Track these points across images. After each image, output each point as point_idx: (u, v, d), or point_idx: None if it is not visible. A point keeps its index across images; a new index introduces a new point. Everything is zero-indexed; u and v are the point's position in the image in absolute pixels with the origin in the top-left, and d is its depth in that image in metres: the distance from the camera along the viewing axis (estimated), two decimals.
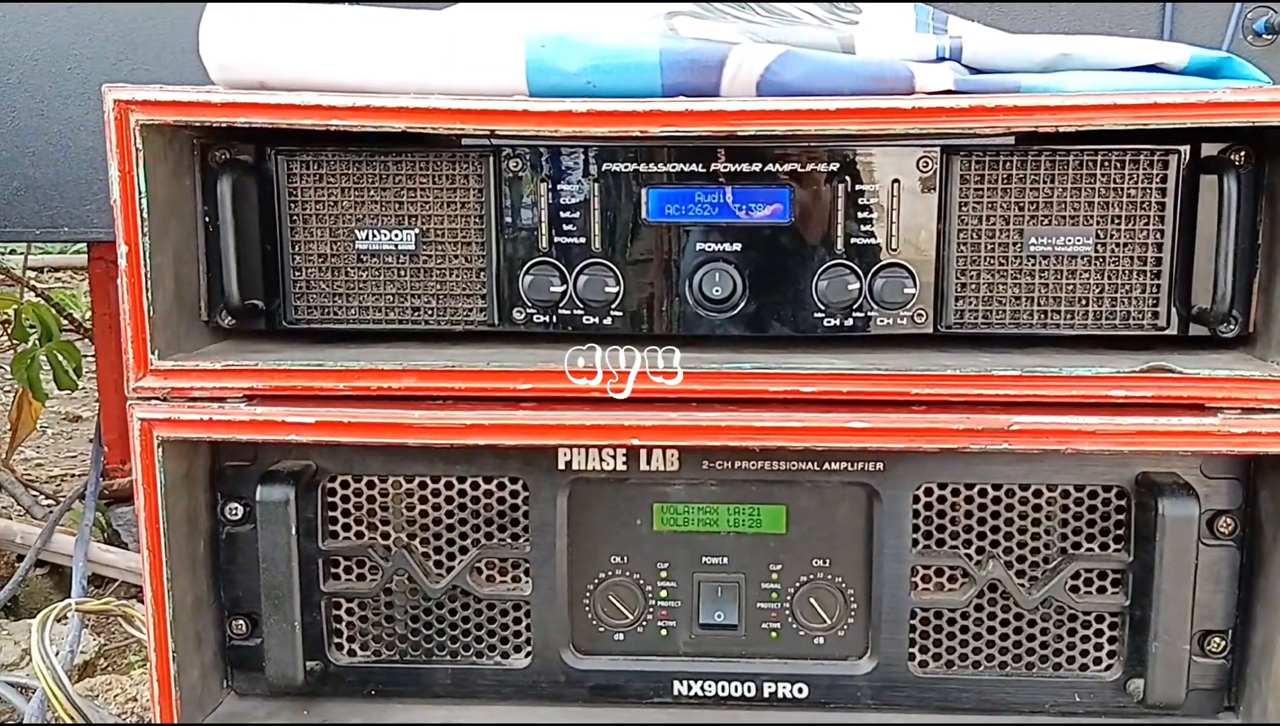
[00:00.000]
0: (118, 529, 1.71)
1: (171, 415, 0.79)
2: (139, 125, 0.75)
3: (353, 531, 0.88)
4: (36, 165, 1.42)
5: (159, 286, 0.78)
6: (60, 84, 1.41)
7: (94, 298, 1.76)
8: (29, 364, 1.80)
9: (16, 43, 1.40)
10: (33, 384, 1.80)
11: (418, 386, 0.79)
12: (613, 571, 0.88)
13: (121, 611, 1.32)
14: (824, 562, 0.88)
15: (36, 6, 1.41)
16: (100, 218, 1.43)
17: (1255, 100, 0.75)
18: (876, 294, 0.84)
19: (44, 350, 1.83)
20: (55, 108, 1.41)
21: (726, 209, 0.83)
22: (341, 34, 0.79)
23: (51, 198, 1.43)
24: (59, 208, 1.43)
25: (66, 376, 1.83)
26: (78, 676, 1.33)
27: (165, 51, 1.39)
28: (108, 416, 1.71)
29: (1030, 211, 0.83)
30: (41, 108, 1.41)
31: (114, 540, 1.69)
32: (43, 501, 1.82)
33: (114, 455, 1.71)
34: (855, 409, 0.80)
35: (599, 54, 0.78)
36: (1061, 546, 0.87)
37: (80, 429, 2.77)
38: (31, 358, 1.80)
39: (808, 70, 0.78)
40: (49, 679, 1.07)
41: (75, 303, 2.94)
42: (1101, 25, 1.38)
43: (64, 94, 1.41)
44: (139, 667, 1.39)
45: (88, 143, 1.41)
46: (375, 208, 0.84)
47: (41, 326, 1.84)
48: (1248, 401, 0.79)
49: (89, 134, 1.41)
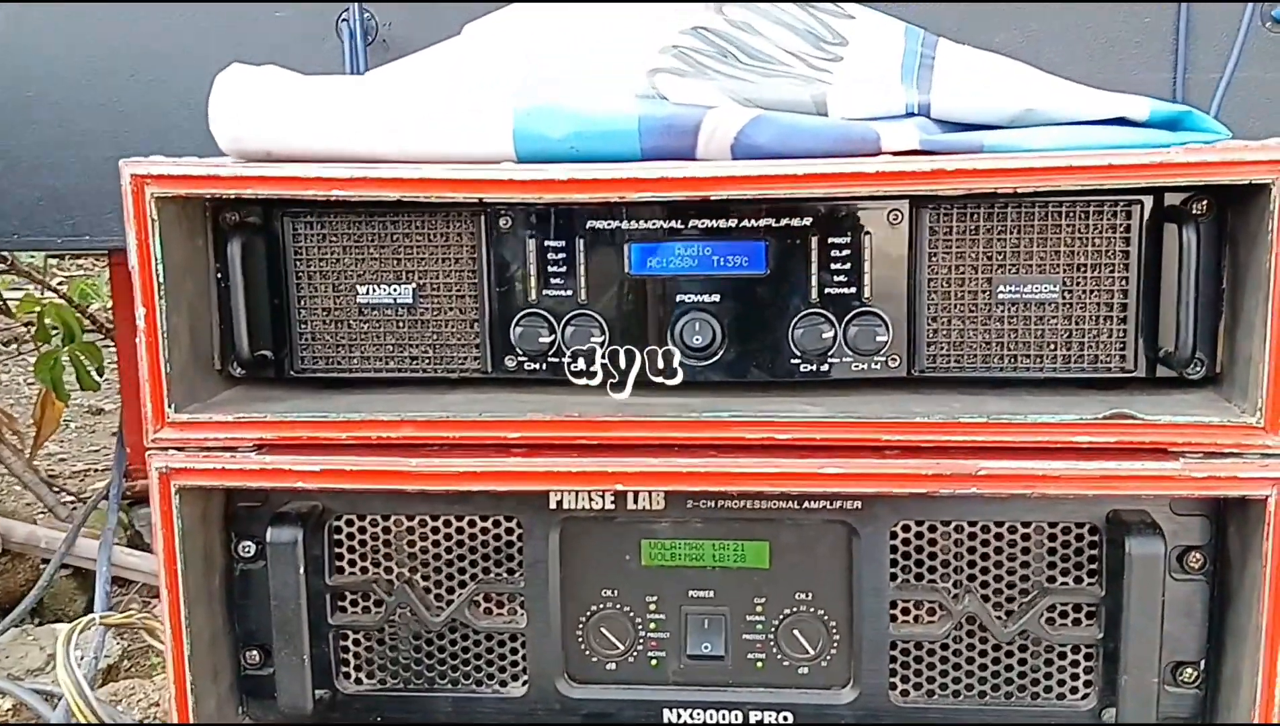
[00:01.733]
0: (140, 529, 1.74)
1: (187, 464, 0.84)
2: (154, 197, 0.81)
3: (358, 567, 0.93)
4: (58, 175, 1.47)
5: (175, 344, 0.84)
6: (80, 96, 1.46)
7: (115, 303, 1.80)
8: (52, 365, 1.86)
9: (38, 56, 1.45)
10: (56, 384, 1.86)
11: (415, 435, 0.85)
12: (604, 604, 0.93)
13: (144, 624, 1.38)
14: (806, 596, 0.92)
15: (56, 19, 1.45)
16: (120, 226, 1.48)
17: (1207, 160, 0.78)
18: (850, 341, 0.88)
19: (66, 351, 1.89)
20: (76, 119, 1.46)
21: (705, 261, 0.88)
22: (342, 105, 0.85)
23: (73, 207, 1.47)
24: (80, 216, 1.47)
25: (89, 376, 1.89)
26: (101, 681, 1.37)
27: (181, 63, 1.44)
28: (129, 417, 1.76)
29: (998, 260, 0.87)
30: (62, 119, 1.46)
31: (136, 541, 1.73)
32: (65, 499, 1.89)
33: (136, 455, 1.76)
34: (830, 454, 0.84)
35: (581, 121, 0.83)
36: (1036, 580, 0.90)
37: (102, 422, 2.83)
38: (55, 359, 1.86)
39: (778, 132, 0.82)
40: (74, 693, 1.13)
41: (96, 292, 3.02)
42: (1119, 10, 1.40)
43: (84, 106, 1.46)
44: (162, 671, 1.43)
45: (107, 153, 1.44)
46: (375, 264, 0.90)
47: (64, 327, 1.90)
48: (1209, 446, 0.82)
49: (109, 145, 1.45)
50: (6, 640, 1.46)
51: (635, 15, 1.00)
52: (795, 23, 1.02)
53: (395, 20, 1.44)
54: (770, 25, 1.00)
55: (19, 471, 1.81)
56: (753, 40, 0.97)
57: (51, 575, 1.52)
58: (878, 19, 1.06)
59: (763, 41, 0.98)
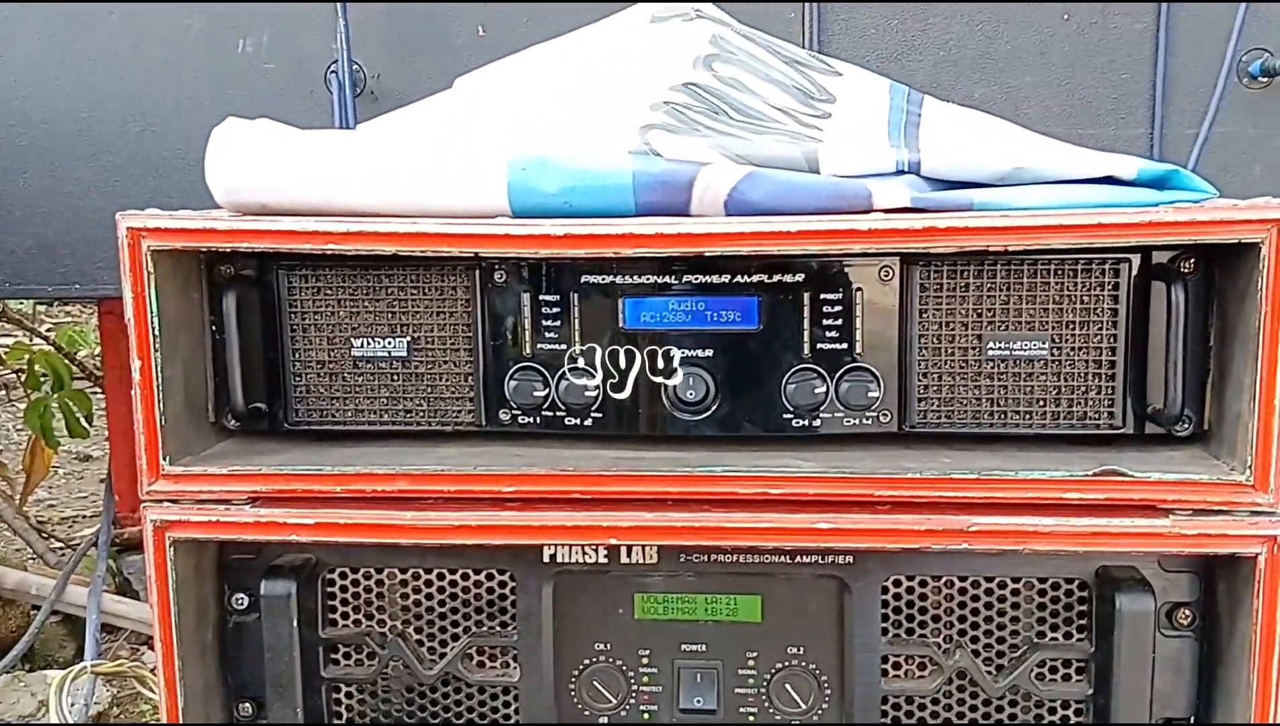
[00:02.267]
0: (128, 577, 1.76)
1: (182, 517, 0.84)
2: (150, 250, 0.81)
3: (351, 620, 0.93)
4: (49, 224, 1.49)
5: (170, 397, 0.84)
6: (72, 146, 1.48)
7: (105, 350, 1.82)
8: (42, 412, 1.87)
9: (29, 105, 1.47)
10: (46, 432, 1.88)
11: (410, 489, 0.85)
12: (596, 658, 0.93)
13: (135, 674, 1.38)
14: (798, 650, 0.92)
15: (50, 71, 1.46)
16: (109, 275, 1.48)
17: (1196, 219, 0.79)
18: (843, 396, 0.88)
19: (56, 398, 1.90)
20: (67, 168, 1.48)
21: (699, 316, 0.88)
22: (338, 158, 0.85)
23: (63, 255, 1.49)
24: (70, 265, 1.49)
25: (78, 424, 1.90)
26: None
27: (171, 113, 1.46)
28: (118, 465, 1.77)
29: (988, 317, 0.88)
30: (54, 168, 1.48)
31: (125, 588, 1.74)
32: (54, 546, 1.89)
33: (124, 503, 1.77)
34: (822, 509, 0.84)
35: (576, 176, 0.84)
36: (1027, 636, 0.90)
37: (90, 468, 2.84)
38: (44, 406, 1.87)
39: (771, 189, 0.83)
40: None
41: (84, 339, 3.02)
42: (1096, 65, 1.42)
43: (76, 155, 1.48)
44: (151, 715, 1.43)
45: (98, 202, 1.48)
46: (370, 318, 0.90)
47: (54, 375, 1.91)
48: (1198, 503, 0.83)
49: (99, 194, 1.48)
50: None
51: (627, 71, 1.02)
52: (784, 80, 1.03)
53: (384, 72, 1.46)
54: (760, 82, 1.01)
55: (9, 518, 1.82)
56: (743, 97, 0.99)
57: (42, 622, 1.52)
58: (864, 76, 1.08)
59: (753, 98, 0.99)
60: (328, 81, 1.46)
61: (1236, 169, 1.44)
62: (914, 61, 1.44)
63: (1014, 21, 1.43)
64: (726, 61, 1.02)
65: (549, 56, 1.09)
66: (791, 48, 1.09)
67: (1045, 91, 1.44)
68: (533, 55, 1.10)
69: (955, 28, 1.43)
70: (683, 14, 1.08)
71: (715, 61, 1.02)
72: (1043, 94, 1.44)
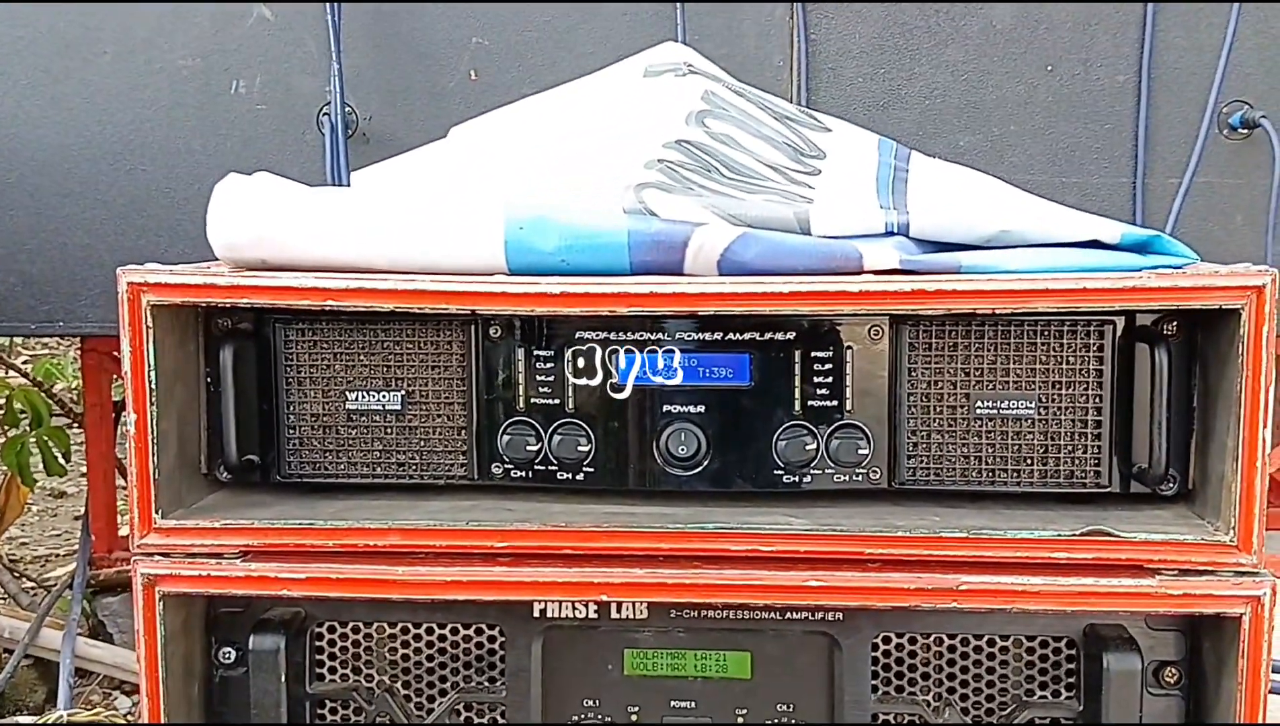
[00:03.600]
0: (103, 620, 1.73)
1: (173, 571, 0.84)
2: (149, 305, 0.82)
3: (338, 675, 0.93)
4: (33, 261, 1.49)
5: (164, 450, 0.84)
6: (58, 183, 1.48)
7: (86, 387, 1.81)
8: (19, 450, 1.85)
9: (16, 142, 1.47)
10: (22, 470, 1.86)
11: (402, 544, 0.85)
12: (585, 714, 0.93)
13: (112, 723, 1.36)
14: (788, 707, 0.92)
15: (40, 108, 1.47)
16: (93, 312, 1.50)
17: (1179, 285, 0.81)
18: (833, 453, 0.89)
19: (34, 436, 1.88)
20: (52, 206, 1.49)
21: (691, 372, 0.89)
22: (336, 215, 0.86)
23: (47, 293, 1.49)
24: (55, 302, 1.49)
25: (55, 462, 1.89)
26: None
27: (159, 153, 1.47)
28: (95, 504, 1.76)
29: (976, 376, 0.89)
30: (39, 206, 1.48)
31: (99, 631, 1.71)
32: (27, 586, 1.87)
33: (101, 544, 1.76)
34: (812, 567, 0.85)
35: (572, 235, 0.85)
36: (1015, 694, 0.91)
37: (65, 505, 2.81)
38: (21, 443, 1.86)
39: (764, 250, 0.85)
40: None
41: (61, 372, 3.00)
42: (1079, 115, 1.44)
43: (61, 192, 1.48)
44: None
45: (83, 240, 1.48)
46: (364, 371, 0.91)
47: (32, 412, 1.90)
48: (1183, 563, 0.84)
49: (84, 232, 1.49)
50: None
51: (620, 126, 1.03)
52: (774, 136, 1.05)
53: (375, 114, 1.48)
54: (751, 139, 1.03)
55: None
56: (735, 154, 1.00)
57: (15, 667, 1.50)
58: (853, 132, 1.10)
59: (744, 155, 1.01)
60: (320, 123, 1.47)
61: (1218, 218, 1.47)
62: (900, 110, 1.47)
63: (998, 72, 1.46)
64: (718, 118, 1.04)
65: (543, 109, 1.10)
66: (782, 103, 1.11)
67: (1029, 140, 1.47)
68: (527, 107, 1.11)
69: (940, 77, 1.46)
70: (675, 68, 1.10)
71: (707, 117, 1.04)
72: (1027, 143, 1.47)
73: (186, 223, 1.49)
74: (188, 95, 1.48)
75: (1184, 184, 1.43)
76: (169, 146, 1.48)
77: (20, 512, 2.02)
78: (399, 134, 1.48)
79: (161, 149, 1.48)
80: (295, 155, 1.48)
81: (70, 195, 1.49)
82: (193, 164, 1.49)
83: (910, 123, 1.47)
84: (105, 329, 1.52)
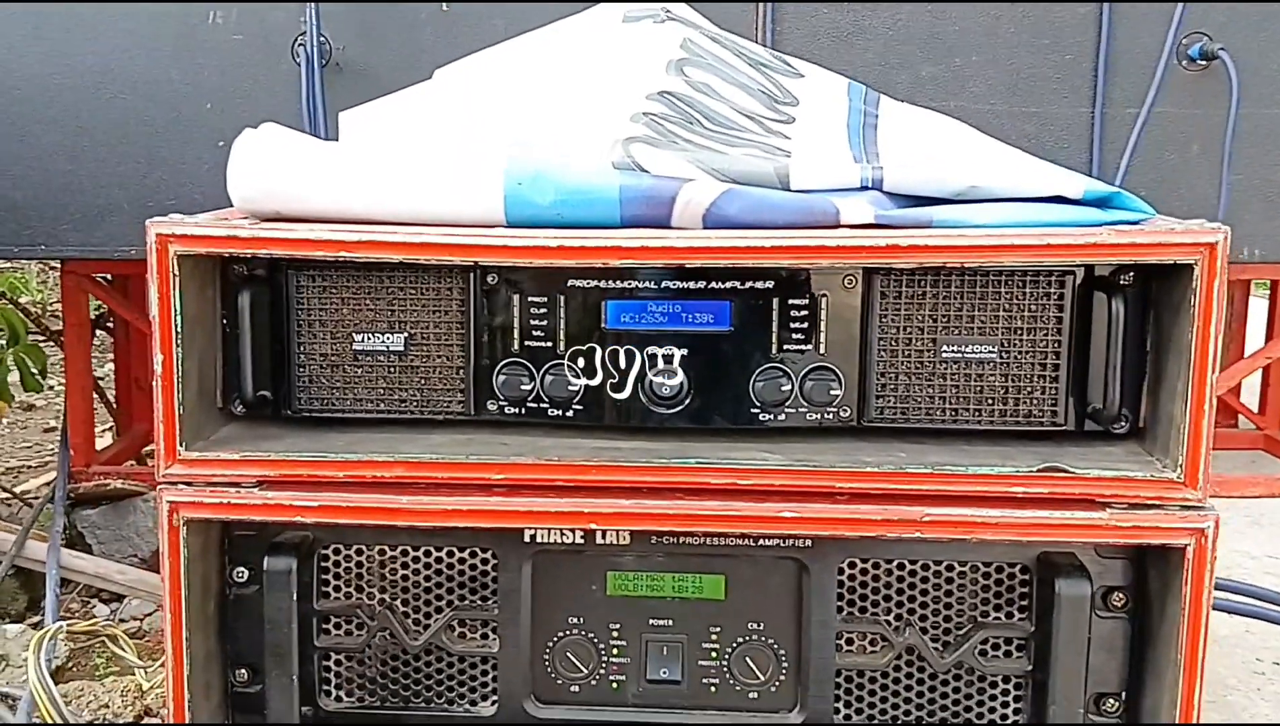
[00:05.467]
0: (81, 531, 1.80)
1: (195, 499, 0.91)
2: (176, 255, 0.87)
3: (343, 593, 1.00)
4: (17, 186, 1.54)
5: (187, 387, 0.90)
6: (40, 111, 1.53)
7: (65, 307, 1.87)
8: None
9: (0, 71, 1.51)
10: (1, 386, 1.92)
11: (406, 475, 0.92)
12: (570, 631, 1.00)
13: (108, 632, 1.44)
14: (759, 626, 0.99)
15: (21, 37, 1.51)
16: (74, 236, 1.56)
17: (1135, 242, 0.87)
18: (806, 393, 0.95)
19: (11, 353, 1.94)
20: (35, 134, 1.53)
21: (675, 318, 0.95)
22: (345, 170, 0.91)
23: (30, 217, 1.55)
24: (37, 227, 1.55)
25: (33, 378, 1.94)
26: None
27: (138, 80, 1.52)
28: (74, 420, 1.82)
29: (942, 323, 0.95)
30: (22, 133, 1.53)
31: (77, 542, 1.78)
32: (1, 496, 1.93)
33: (79, 458, 1.83)
34: (786, 499, 0.91)
35: (567, 190, 0.90)
36: (972, 615, 0.98)
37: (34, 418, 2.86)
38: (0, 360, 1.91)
39: (747, 205, 0.90)
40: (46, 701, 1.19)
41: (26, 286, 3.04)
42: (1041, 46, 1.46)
43: (43, 120, 1.53)
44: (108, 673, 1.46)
45: (65, 166, 1.54)
46: (370, 315, 0.97)
47: (9, 330, 1.95)
48: (1133, 498, 0.90)
49: (66, 159, 1.54)
50: None
51: (603, 74, 1.07)
52: (750, 83, 1.09)
53: (349, 45, 1.51)
54: (728, 87, 1.07)
55: None
56: (714, 104, 1.05)
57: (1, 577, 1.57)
58: (823, 77, 1.14)
59: (722, 105, 1.05)
60: (295, 54, 1.50)
61: (1175, 147, 1.51)
62: (864, 41, 1.49)
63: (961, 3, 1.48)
64: (696, 66, 1.08)
65: (525, 55, 1.14)
66: (756, 48, 1.15)
67: (991, 70, 1.49)
68: (509, 52, 1.15)
69: (904, 8, 1.48)
70: (653, 15, 1.14)
71: (686, 66, 1.08)
72: (989, 73, 1.49)
73: (164, 150, 1.54)
74: (166, 25, 1.51)
75: (1142, 114, 1.45)
76: (147, 76, 1.52)
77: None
78: (372, 65, 1.51)
79: (140, 78, 1.52)
80: (270, 85, 1.51)
81: (52, 123, 1.53)
82: (170, 92, 1.53)
83: (874, 54, 1.48)
84: (86, 252, 1.58)
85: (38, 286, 3.48)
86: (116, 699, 1.30)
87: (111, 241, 1.56)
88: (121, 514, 1.81)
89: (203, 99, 1.53)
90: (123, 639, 1.41)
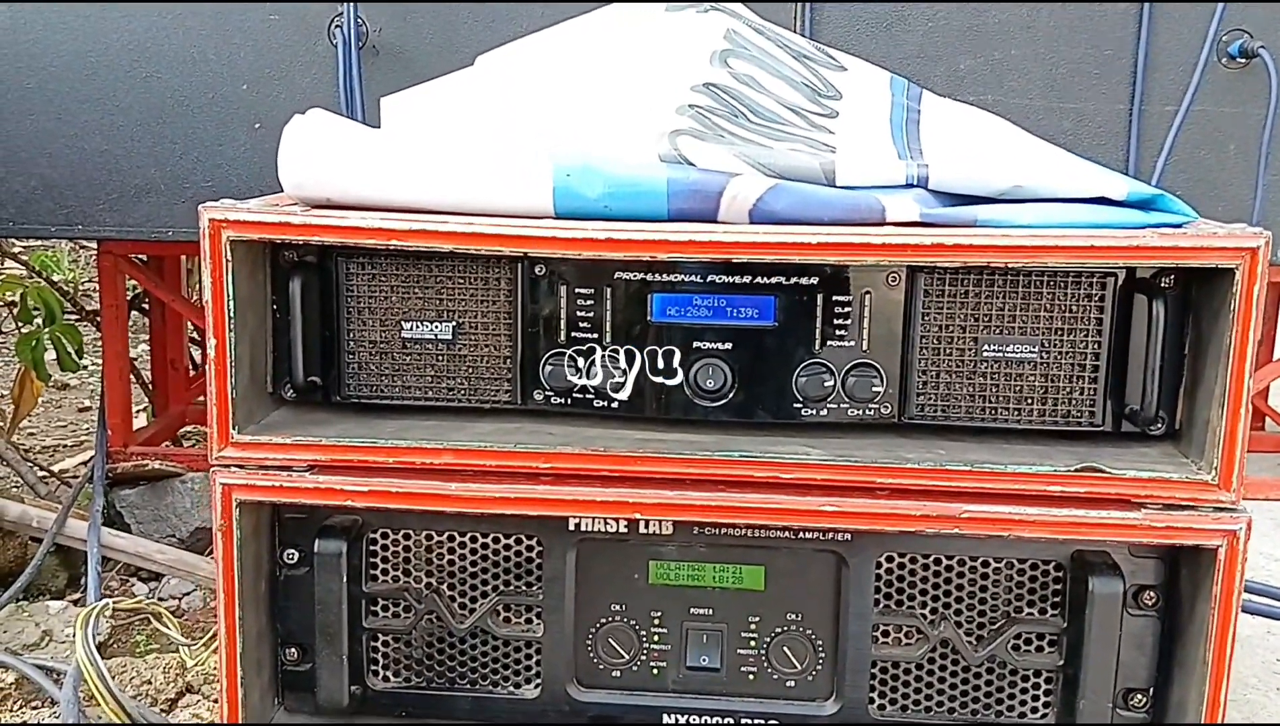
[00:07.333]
0: (120, 511, 1.82)
1: (248, 481, 0.93)
2: (229, 241, 0.89)
3: (390, 576, 1.02)
4: (54, 166, 1.54)
5: (240, 371, 0.92)
6: (78, 89, 1.53)
7: (102, 288, 1.87)
8: (34, 346, 1.91)
9: (37, 49, 1.51)
10: (37, 365, 1.92)
11: (454, 462, 0.93)
12: (612, 618, 1.02)
13: (152, 610, 1.47)
14: (797, 616, 1.01)
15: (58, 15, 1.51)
16: (110, 217, 1.56)
17: (1178, 245, 0.88)
18: (849, 389, 0.97)
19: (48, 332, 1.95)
20: (72, 112, 1.53)
21: (720, 312, 0.96)
22: (395, 159, 0.93)
23: (67, 197, 1.55)
24: (74, 206, 1.55)
25: (69, 358, 1.95)
26: None
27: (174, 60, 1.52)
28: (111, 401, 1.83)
29: (984, 322, 0.96)
30: (59, 111, 1.53)
31: (115, 521, 1.80)
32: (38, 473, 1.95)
33: (116, 438, 1.84)
34: (827, 493, 0.93)
35: (616, 182, 0.91)
36: (1005, 610, 1.00)
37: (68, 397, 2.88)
38: (36, 339, 1.92)
39: (794, 201, 0.91)
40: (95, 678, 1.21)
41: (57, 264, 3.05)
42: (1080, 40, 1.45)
43: (81, 99, 1.53)
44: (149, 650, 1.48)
45: (101, 146, 1.53)
46: (419, 303, 0.98)
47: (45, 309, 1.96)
48: (1168, 499, 0.91)
49: (102, 137, 1.53)
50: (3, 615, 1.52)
51: (648, 65, 1.08)
52: (793, 76, 1.10)
53: (385, 26, 1.51)
54: (771, 79, 1.08)
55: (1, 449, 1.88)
56: (758, 96, 1.06)
57: (44, 555, 1.58)
58: (866, 70, 1.15)
59: (767, 98, 1.06)
60: (331, 34, 1.50)
61: (1212, 146, 1.49)
62: (903, 31, 1.48)
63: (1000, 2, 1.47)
64: (740, 57, 1.09)
65: (568, 44, 1.14)
66: (797, 39, 1.16)
67: (1030, 64, 1.48)
68: (552, 41, 1.15)
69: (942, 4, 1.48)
70: (695, 4, 1.15)
71: (730, 57, 1.09)
72: (1028, 66, 1.48)
73: (200, 130, 1.54)
74: (202, 5, 1.50)
75: (1180, 112, 1.44)
76: (184, 55, 1.52)
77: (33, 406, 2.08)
78: (409, 47, 1.51)
79: (177, 57, 1.52)
80: (307, 65, 1.51)
81: (88, 101, 1.53)
82: (207, 72, 1.52)
83: (912, 45, 1.47)
84: (123, 232, 1.58)
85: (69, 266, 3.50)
86: (159, 675, 1.32)
87: (148, 222, 1.56)
88: (159, 494, 1.83)
89: (239, 80, 1.53)
90: (167, 617, 1.44)
